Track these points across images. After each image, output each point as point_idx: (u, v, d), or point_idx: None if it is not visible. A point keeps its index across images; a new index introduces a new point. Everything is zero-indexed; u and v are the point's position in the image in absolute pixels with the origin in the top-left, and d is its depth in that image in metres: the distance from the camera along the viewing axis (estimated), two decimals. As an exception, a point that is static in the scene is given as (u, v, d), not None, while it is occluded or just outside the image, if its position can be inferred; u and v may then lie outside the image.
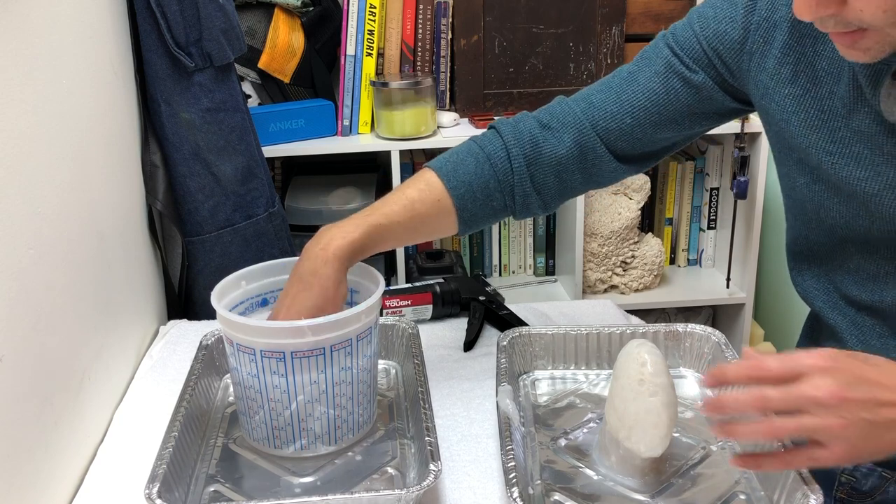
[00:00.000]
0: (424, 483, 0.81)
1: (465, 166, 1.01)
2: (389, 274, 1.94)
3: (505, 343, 1.06)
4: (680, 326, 1.08)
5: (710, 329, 1.06)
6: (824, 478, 0.97)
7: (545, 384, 1.07)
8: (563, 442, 0.94)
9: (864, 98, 0.82)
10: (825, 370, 0.69)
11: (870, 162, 0.83)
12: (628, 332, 1.07)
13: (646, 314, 2.04)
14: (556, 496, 0.86)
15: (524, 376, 1.08)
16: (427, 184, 1.00)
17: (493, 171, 1.00)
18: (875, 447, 0.70)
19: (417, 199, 0.99)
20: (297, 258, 0.95)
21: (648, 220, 2.13)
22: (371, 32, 1.81)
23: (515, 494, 0.78)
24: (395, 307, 1.24)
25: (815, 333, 1.01)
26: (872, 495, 0.95)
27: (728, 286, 2.04)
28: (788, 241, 1.00)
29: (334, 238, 0.92)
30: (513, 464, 0.82)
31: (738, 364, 0.73)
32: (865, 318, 0.91)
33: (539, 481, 0.88)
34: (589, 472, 0.89)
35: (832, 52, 0.84)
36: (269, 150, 1.69)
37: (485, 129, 1.08)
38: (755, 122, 1.86)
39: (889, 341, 0.89)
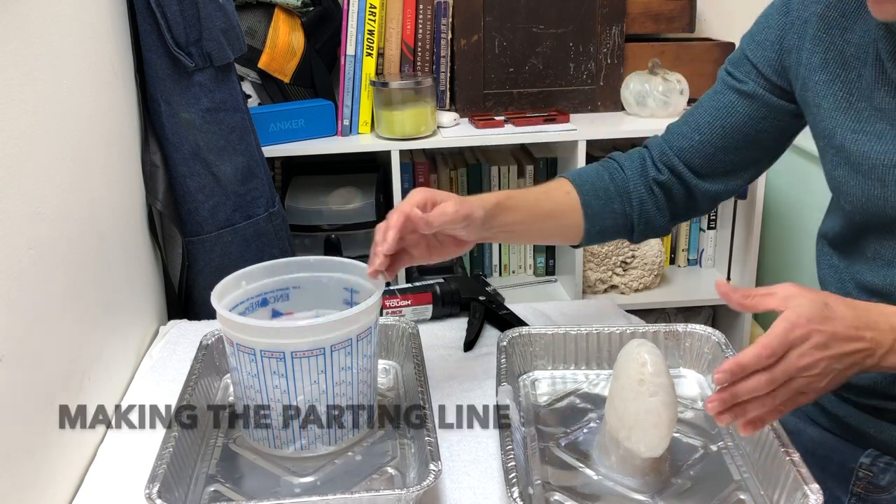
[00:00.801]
0: (424, 483, 0.81)
1: (587, 171, 1.11)
2: (389, 274, 1.94)
3: (505, 343, 1.06)
4: (680, 326, 1.07)
5: (710, 329, 1.06)
6: (841, 473, 1.00)
7: (545, 384, 1.07)
8: (563, 442, 0.94)
9: (887, 76, 0.88)
10: (805, 337, 0.76)
11: (891, 137, 0.88)
12: (628, 331, 1.07)
13: (646, 314, 2.04)
14: (556, 496, 0.86)
15: (524, 376, 1.08)
16: (556, 181, 1.11)
17: (611, 179, 1.10)
18: (840, 382, 0.79)
19: (553, 186, 1.10)
20: (297, 258, 0.95)
21: (648, 220, 2.13)
22: (371, 32, 1.81)
23: (516, 494, 0.78)
24: (395, 307, 1.24)
25: None
26: (890, 490, 0.97)
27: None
28: (820, 232, 1.06)
29: (484, 195, 1.02)
30: (513, 464, 0.82)
31: (752, 352, 0.76)
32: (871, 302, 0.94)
33: (539, 481, 0.88)
34: (589, 471, 0.89)
35: (859, 38, 0.91)
36: (269, 150, 1.69)
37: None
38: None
39: None
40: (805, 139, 1.06)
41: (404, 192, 1.91)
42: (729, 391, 0.76)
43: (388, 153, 1.80)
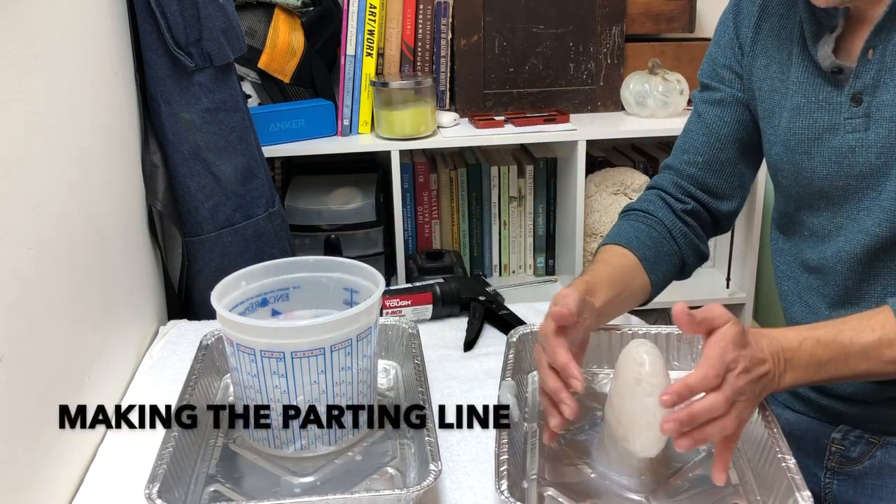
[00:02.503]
0: (424, 483, 0.81)
1: (624, 229, 1.10)
2: (389, 274, 1.94)
3: (514, 339, 1.06)
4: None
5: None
6: (816, 451, 1.05)
7: None
8: (563, 439, 0.94)
9: (807, 51, 0.95)
10: (734, 363, 0.79)
11: (807, 110, 0.95)
12: (640, 332, 1.07)
13: (646, 314, 2.04)
14: (550, 491, 0.86)
15: (533, 373, 1.08)
16: (606, 250, 1.08)
17: (648, 226, 1.09)
18: (754, 405, 0.83)
19: (607, 257, 1.06)
20: (297, 258, 0.95)
21: (648, 220, 2.13)
22: (371, 32, 1.81)
23: (504, 487, 0.78)
24: (395, 307, 1.24)
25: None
26: (861, 461, 1.01)
27: (728, 286, 2.04)
28: (771, 217, 1.11)
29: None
30: (505, 457, 0.82)
31: (700, 374, 0.79)
32: (812, 279, 1.01)
33: (534, 476, 0.88)
34: (586, 469, 0.90)
35: (792, 20, 0.98)
36: (269, 150, 1.69)
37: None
38: (755, 122, 1.86)
39: (827, 300, 1.00)
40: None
41: (404, 192, 1.92)
42: (686, 412, 0.77)
43: (388, 153, 1.80)
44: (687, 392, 0.78)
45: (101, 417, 1.03)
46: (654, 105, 1.89)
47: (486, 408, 1.02)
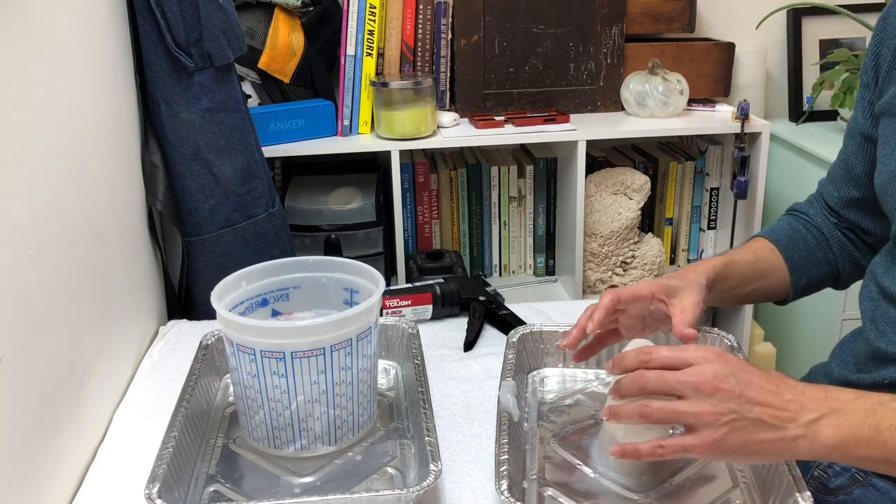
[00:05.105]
0: (424, 483, 0.81)
1: (781, 226, 1.10)
2: (389, 274, 1.94)
3: (515, 339, 1.06)
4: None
5: (723, 332, 1.07)
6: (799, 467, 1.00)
7: (554, 381, 1.07)
8: (563, 439, 0.95)
9: None
10: (709, 360, 0.73)
11: None
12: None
13: (646, 314, 2.04)
14: (550, 491, 0.86)
15: (534, 373, 1.08)
16: (756, 240, 1.10)
17: (806, 229, 1.09)
18: (742, 443, 0.72)
19: (756, 246, 1.08)
20: (297, 258, 0.95)
21: (648, 220, 2.13)
22: (371, 32, 1.81)
23: (504, 487, 0.78)
24: (395, 307, 1.24)
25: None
26: (836, 493, 0.97)
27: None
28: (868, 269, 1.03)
29: (699, 264, 1.01)
30: (506, 457, 0.82)
31: (635, 350, 0.77)
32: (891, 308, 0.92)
33: (535, 476, 0.88)
34: (586, 469, 0.90)
35: None
36: (269, 150, 1.69)
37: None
38: (756, 123, 1.86)
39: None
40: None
41: (404, 192, 1.92)
42: (615, 382, 0.78)
43: (388, 153, 1.80)
44: (619, 361, 0.78)
45: (100, 418, 1.03)
46: (654, 105, 1.89)
47: (486, 408, 1.02)
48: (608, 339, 1.00)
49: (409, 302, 1.25)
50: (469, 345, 1.20)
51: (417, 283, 1.30)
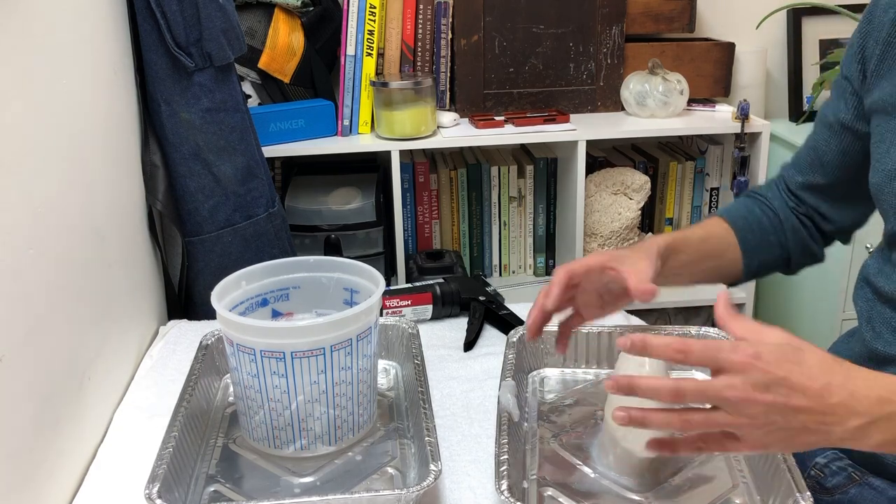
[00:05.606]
0: (424, 483, 0.81)
1: (738, 207, 1.09)
2: (389, 274, 1.94)
3: (514, 339, 1.06)
4: (693, 329, 1.08)
5: (723, 332, 1.07)
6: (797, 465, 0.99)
7: (554, 381, 1.07)
8: (564, 439, 0.95)
9: None
10: (743, 368, 0.68)
11: None
12: (651, 332, 1.07)
13: (646, 314, 2.04)
14: (550, 491, 0.86)
15: (534, 373, 1.08)
16: (712, 219, 1.09)
17: (762, 212, 1.08)
18: (786, 445, 0.70)
19: (710, 224, 1.08)
20: (297, 258, 0.95)
21: (648, 220, 2.13)
22: (371, 32, 1.81)
23: (504, 486, 0.78)
24: (395, 307, 1.24)
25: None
26: (833, 493, 0.97)
27: (728, 286, 2.04)
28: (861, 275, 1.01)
29: (651, 237, 0.99)
30: (506, 457, 0.82)
31: (663, 338, 0.71)
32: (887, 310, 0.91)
33: (535, 476, 0.88)
34: (586, 469, 0.90)
35: None
36: (269, 150, 1.69)
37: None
38: (756, 123, 1.86)
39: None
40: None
41: (404, 192, 1.92)
42: (629, 378, 0.71)
43: (388, 153, 1.80)
44: (641, 343, 0.71)
45: (100, 418, 1.03)
46: (654, 105, 1.89)
47: (486, 408, 1.02)
48: (573, 323, 0.97)
49: (409, 302, 1.25)
50: (469, 345, 1.20)
51: (417, 283, 1.30)
